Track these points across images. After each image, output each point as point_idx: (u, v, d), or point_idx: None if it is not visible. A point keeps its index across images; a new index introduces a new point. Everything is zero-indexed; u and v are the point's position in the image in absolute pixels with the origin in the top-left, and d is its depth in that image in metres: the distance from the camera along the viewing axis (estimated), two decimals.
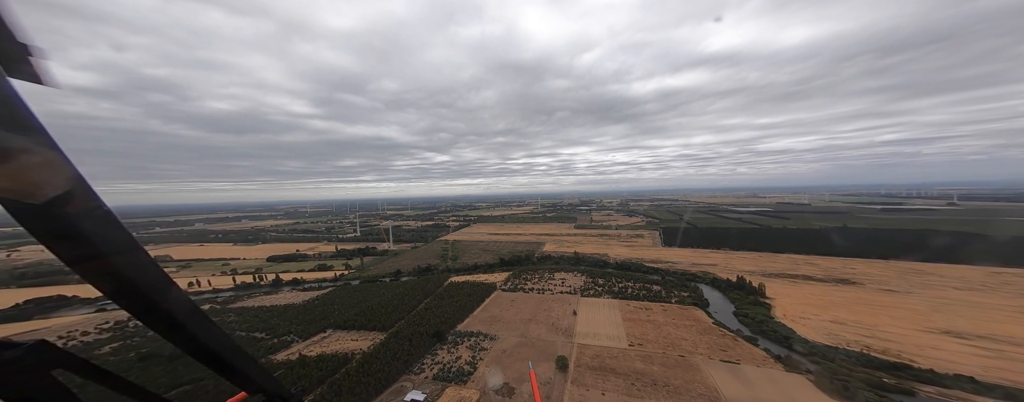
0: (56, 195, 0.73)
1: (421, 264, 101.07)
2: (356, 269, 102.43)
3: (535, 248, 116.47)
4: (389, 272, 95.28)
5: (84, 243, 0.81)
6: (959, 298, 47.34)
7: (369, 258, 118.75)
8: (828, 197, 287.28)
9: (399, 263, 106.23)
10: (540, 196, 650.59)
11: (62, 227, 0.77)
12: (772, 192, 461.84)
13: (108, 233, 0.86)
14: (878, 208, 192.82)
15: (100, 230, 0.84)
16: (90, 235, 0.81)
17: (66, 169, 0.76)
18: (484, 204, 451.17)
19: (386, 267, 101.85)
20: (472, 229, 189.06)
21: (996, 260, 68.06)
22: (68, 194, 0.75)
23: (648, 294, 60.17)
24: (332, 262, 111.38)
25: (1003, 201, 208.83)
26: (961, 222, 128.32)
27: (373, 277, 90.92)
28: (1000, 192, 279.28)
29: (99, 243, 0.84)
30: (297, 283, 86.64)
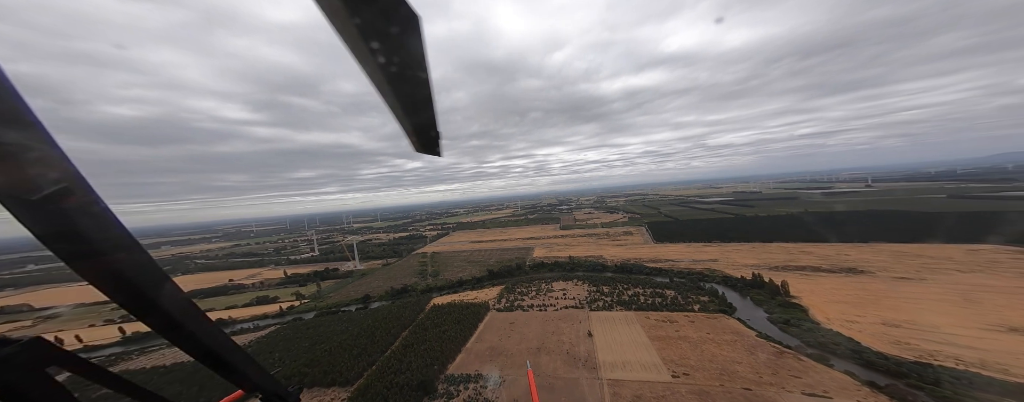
0: (53, 191, 0.73)
1: (395, 285, 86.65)
2: (311, 298, 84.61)
3: (525, 255, 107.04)
4: (355, 298, 79.76)
5: (81, 240, 0.81)
6: (974, 283, 46.65)
7: (329, 282, 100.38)
8: (772, 185, 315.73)
9: (368, 286, 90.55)
10: (518, 198, 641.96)
11: (59, 224, 0.77)
12: (723, 182, 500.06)
13: (105, 230, 0.86)
14: (817, 192, 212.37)
15: (97, 227, 0.84)
16: (87, 232, 0.81)
17: (63, 166, 0.76)
18: (462, 210, 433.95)
19: (351, 292, 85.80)
20: (452, 238, 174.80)
21: (962, 237, 72.41)
22: (65, 191, 0.76)
23: (664, 302, 53.58)
24: (278, 292, 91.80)
25: (902, 181, 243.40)
26: (892, 201, 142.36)
27: (333, 307, 74.97)
28: (887, 175, 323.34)
29: (96, 240, 0.83)
30: (224, 324, 68.66)
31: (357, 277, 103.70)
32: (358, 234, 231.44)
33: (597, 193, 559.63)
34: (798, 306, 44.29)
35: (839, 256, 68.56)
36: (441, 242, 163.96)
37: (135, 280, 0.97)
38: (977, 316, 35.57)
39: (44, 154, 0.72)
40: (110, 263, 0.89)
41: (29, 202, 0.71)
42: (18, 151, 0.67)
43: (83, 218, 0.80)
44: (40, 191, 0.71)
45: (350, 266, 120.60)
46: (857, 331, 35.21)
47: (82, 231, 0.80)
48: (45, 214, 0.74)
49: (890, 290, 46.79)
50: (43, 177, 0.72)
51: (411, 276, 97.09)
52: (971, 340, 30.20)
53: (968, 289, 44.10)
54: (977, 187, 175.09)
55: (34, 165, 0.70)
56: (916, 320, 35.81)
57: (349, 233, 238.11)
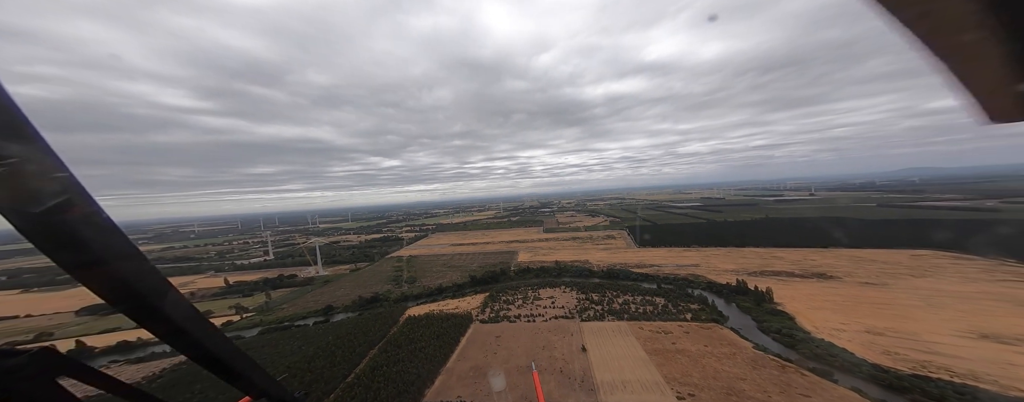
0: (55, 203, 0.74)
1: (364, 293, 78.42)
2: (257, 311, 73.29)
3: (509, 259, 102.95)
4: (314, 310, 70.57)
5: (83, 250, 0.81)
6: (929, 288, 50.66)
7: (283, 291, 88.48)
8: (733, 192, 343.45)
9: (331, 295, 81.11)
10: (500, 200, 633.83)
11: (61, 234, 0.77)
12: (690, 188, 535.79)
13: (107, 239, 0.86)
14: (771, 199, 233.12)
15: (99, 237, 0.84)
16: (89, 242, 0.81)
17: (64, 176, 0.77)
18: (442, 210, 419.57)
19: (310, 303, 76.12)
20: (431, 240, 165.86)
21: (903, 243, 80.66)
22: (67, 202, 0.76)
23: (655, 310, 52.44)
24: (213, 304, 78.53)
25: (836, 191, 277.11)
26: (836, 209, 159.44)
27: (285, 321, 65.22)
28: (823, 185, 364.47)
29: (98, 249, 0.83)
30: (128, 350, 55.62)
31: (319, 285, 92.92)
32: (324, 235, 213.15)
33: (577, 196, 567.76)
34: (785, 314, 44.93)
35: (807, 261, 72.86)
36: (419, 245, 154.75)
37: (138, 288, 0.97)
38: (945, 322, 37.84)
39: (45, 167, 0.73)
40: (113, 272, 0.89)
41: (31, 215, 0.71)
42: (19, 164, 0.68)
43: (85, 229, 0.80)
44: (42, 203, 0.72)
45: (311, 272, 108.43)
46: (846, 340, 35.75)
47: (84, 241, 0.80)
48: (47, 226, 0.74)
49: (861, 296, 49.40)
50: (45, 189, 0.73)
51: (383, 283, 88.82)
52: (952, 348, 31.59)
53: (927, 294, 47.71)
54: (896, 197, 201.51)
55: (35, 178, 0.71)
56: (895, 328, 37.34)
57: (313, 234, 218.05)
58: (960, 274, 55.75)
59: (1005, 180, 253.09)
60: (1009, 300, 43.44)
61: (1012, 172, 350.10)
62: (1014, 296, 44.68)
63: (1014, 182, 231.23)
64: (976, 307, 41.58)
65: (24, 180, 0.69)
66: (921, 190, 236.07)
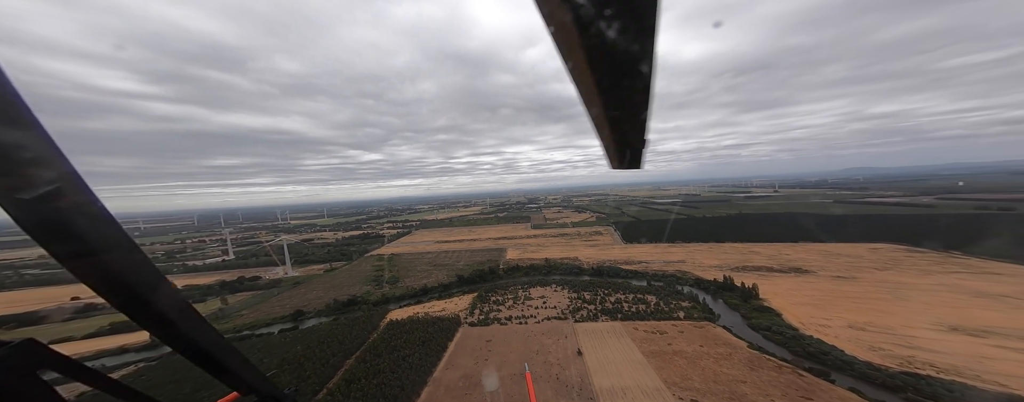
0: (48, 190, 0.73)
1: (340, 296, 72.77)
2: (212, 317, 66.67)
3: (497, 256, 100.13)
4: (281, 316, 64.33)
5: (76, 239, 0.80)
6: (893, 280, 54.30)
7: (245, 295, 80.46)
8: (707, 189, 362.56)
9: (302, 298, 74.61)
10: (486, 195, 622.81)
11: (54, 222, 0.76)
12: (668, 185, 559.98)
13: (100, 230, 0.85)
14: (742, 196, 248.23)
15: (92, 226, 0.83)
16: (82, 231, 0.80)
17: (59, 164, 0.76)
18: (426, 206, 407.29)
19: (276, 307, 69.50)
20: (415, 237, 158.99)
21: (861, 237, 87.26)
22: (61, 190, 0.76)
23: (648, 310, 52.18)
24: None
25: (795, 188, 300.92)
26: (798, 205, 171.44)
27: (244, 330, 58.54)
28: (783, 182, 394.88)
29: (91, 240, 0.83)
30: None
31: (287, 287, 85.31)
32: (295, 232, 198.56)
33: (563, 192, 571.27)
34: (771, 310, 46.02)
35: (781, 256, 76.53)
36: (402, 242, 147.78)
37: (130, 281, 0.96)
38: (914, 315, 40.16)
39: (42, 153, 0.72)
40: (105, 263, 0.88)
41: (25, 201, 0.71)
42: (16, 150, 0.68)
43: (79, 218, 0.80)
44: (36, 190, 0.71)
45: (278, 273, 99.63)
46: (833, 337, 36.81)
47: (78, 231, 0.79)
48: (41, 213, 0.74)
49: (835, 290, 51.94)
50: (40, 176, 0.72)
51: (362, 284, 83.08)
52: (928, 342, 33.27)
53: (892, 287, 50.99)
54: (847, 194, 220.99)
55: (31, 164, 0.70)
56: (873, 322, 39.09)
57: (283, 231, 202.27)
58: (916, 267, 60.52)
59: (933, 179, 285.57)
60: (964, 292, 47.31)
61: (938, 172, 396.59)
62: (967, 287, 48.78)
63: (941, 181, 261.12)
64: (937, 299, 44.77)
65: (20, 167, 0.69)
66: (866, 188, 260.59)
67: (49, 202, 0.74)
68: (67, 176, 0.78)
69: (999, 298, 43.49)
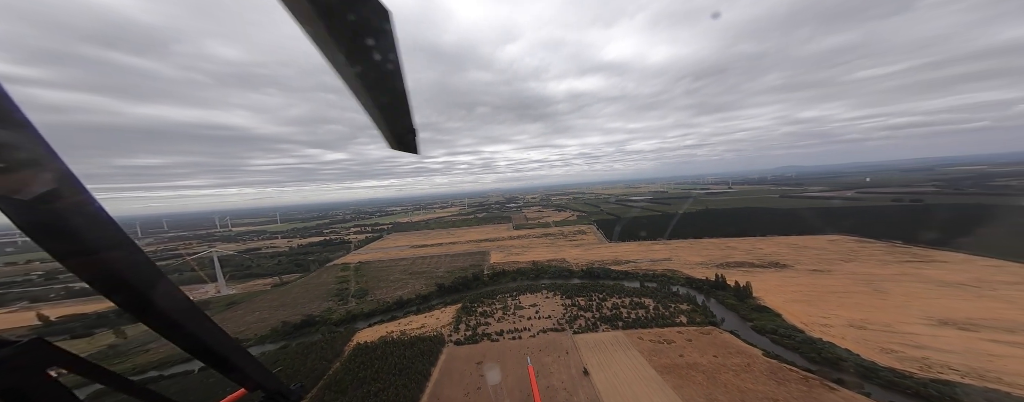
0: (45, 191, 0.73)
1: (292, 316, 60.95)
2: (98, 358, 51.61)
3: (480, 261, 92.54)
4: None
5: (75, 239, 0.81)
6: (863, 272, 57.10)
7: None
8: (672, 186, 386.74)
9: (238, 322, 61.57)
10: (464, 195, 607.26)
11: (52, 223, 0.77)
12: (637, 183, 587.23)
13: (99, 229, 0.86)
14: (703, 193, 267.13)
15: (90, 226, 0.83)
16: (80, 231, 0.81)
17: (55, 166, 0.77)
18: (399, 208, 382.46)
19: None
20: (387, 242, 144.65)
21: (817, 230, 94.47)
22: (58, 190, 0.76)
23: (648, 315, 48.97)
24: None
25: (743, 185, 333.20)
26: (752, 200, 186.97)
27: (151, 369, 46.50)
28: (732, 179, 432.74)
29: (90, 239, 0.83)
30: None
31: (218, 308, 70.19)
32: (238, 241, 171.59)
33: (540, 191, 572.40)
34: (769, 310, 45.10)
35: (756, 250, 79.29)
36: (372, 248, 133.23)
37: (131, 279, 0.96)
38: (899, 309, 41.30)
39: (35, 154, 0.72)
40: (105, 262, 0.88)
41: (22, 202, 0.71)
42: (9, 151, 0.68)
43: (76, 217, 0.80)
44: (32, 191, 0.71)
45: (207, 291, 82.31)
46: (840, 337, 35.95)
47: (76, 230, 0.80)
48: (38, 214, 0.74)
49: (817, 284, 53.17)
50: (35, 177, 0.72)
51: (322, 299, 70.96)
52: (929, 339, 33.47)
53: (865, 279, 53.43)
54: (787, 189, 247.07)
55: (26, 165, 0.70)
56: (868, 319, 39.34)
57: (221, 240, 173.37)
58: (873, 258, 65.24)
59: (845, 176, 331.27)
60: (926, 281, 50.70)
61: (846, 170, 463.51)
62: (926, 276, 52.57)
63: (851, 177, 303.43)
64: (910, 291, 47.13)
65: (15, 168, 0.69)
66: (800, 183, 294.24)
67: (46, 203, 0.74)
68: (62, 177, 0.78)
69: (958, 286, 46.98)
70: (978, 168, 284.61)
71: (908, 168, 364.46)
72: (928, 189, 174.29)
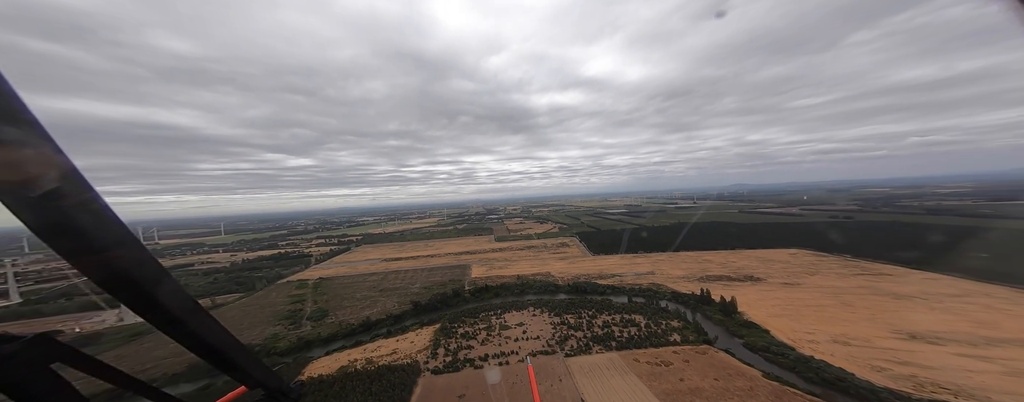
0: (51, 188, 0.74)
1: None
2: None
3: (461, 275, 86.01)
4: (91, 394, 39.53)
5: (79, 236, 0.81)
6: (827, 285, 60.87)
7: None
8: (643, 200, 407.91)
9: (143, 358, 49.54)
10: (443, 205, 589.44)
11: (57, 220, 0.77)
12: (613, 196, 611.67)
13: (103, 226, 0.86)
14: (672, 206, 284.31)
15: (95, 223, 0.84)
16: (85, 228, 0.81)
17: (61, 162, 0.77)
18: (371, 218, 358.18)
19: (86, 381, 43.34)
20: (355, 255, 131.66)
21: (776, 243, 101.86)
22: (63, 187, 0.77)
23: (640, 333, 46.85)
24: None
25: (705, 200, 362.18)
26: (717, 214, 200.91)
27: None
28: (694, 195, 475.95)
29: (95, 236, 0.84)
30: None
31: (118, 342, 56.09)
32: (163, 256, 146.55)
33: (521, 202, 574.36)
34: (756, 325, 45.21)
35: (730, 263, 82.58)
36: (337, 261, 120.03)
37: (135, 276, 0.97)
38: (870, 322, 43.38)
39: (41, 151, 0.73)
40: (109, 259, 0.89)
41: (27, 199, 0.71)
42: (16, 148, 0.68)
43: (81, 214, 0.80)
44: (38, 188, 0.72)
45: (104, 321, 66.33)
46: (828, 354, 36.24)
47: (81, 227, 0.80)
48: (43, 211, 0.74)
49: (792, 298, 55.26)
50: (41, 174, 0.72)
51: (266, 323, 60.39)
52: (909, 355, 34.75)
53: (832, 292, 56.66)
54: (743, 205, 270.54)
55: (32, 162, 0.71)
56: (848, 333, 40.61)
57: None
58: (831, 271, 70.47)
59: (785, 194, 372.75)
60: (881, 293, 54.72)
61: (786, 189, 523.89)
62: (881, 288, 56.92)
63: (791, 195, 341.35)
64: (871, 303, 50.31)
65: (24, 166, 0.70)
66: (752, 200, 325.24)
67: (52, 200, 0.74)
68: (68, 174, 0.78)
69: (910, 299, 51.18)
70: (883, 190, 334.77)
71: (833, 188, 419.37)
72: (853, 208, 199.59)
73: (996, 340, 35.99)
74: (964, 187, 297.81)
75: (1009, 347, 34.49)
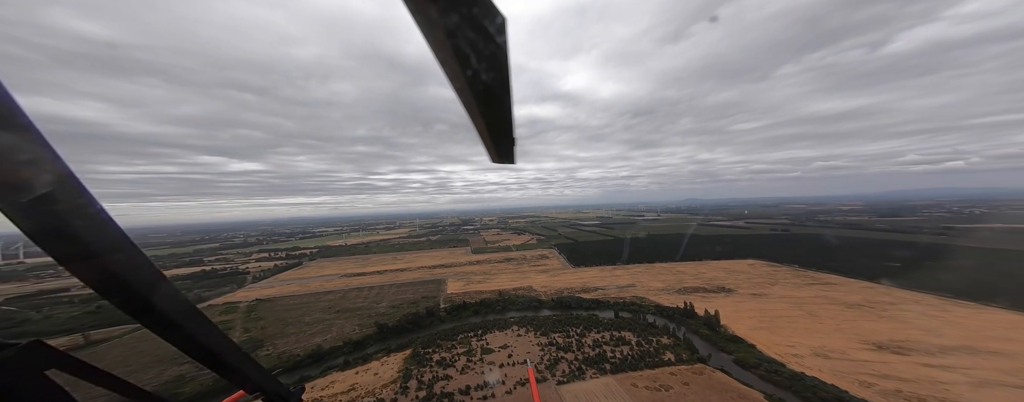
0: (45, 192, 0.73)
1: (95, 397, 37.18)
2: None
3: (435, 290, 77.59)
4: None
5: (75, 241, 0.80)
6: (790, 295, 64.76)
7: None
8: (613, 212, 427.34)
9: None
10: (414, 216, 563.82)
11: (53, 224, 0.76)
12: (585, 208, 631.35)
13: (99, 230, 0.85)
14: (639, 218, 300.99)
15: (90, 227, 0.83)
16: (81, 233, 0.80)
17: (56, 167, 0.76)
18: (331, 229, 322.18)
19: None
20: (308, 271, 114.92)
21: (736, 255, 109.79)
22: (58, 192, 0.75)
23: (633, 352, 44.11)
24: None
25: (666, 213, 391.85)
26: (679, 227, 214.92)
27: None
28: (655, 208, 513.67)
29: (90, 241, 0.82)
30: None
31: None
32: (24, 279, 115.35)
33: (497, 213, 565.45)
34: (741, 340, 45.18)
35: (702, 274, 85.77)
36: (285, 278, 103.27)
37: (131, 281, 0.96)
38: (840, 332, 45.76)
39: (37, 155, 0.71)
40: (105, 264, 0.87)
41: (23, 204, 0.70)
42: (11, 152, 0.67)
43: (77, 219, 0.79)
44: (33, 192, 0.71)
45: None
46: (817, 370, 36.58)
47: (76, 232, 0.79)
48: (39, 215, 0.73)
49: (765, 309, 57.42)
50: (36, 178, 0.71)
51: (167, 363, 47.26)
52: (884, 366, 36.30)
53: (795, 302, 60.12)
54: (699, 218, 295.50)
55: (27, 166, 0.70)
56: (825, 345, 42.06)
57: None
58: (788, 281, 76.14)
59: (729, 208, 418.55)
60: (834, 302, 59.32)
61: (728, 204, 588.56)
62: (833, 298, 61.86)
63: (734, 210, 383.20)
64: (831, 313, 53.90)
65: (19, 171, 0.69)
66: (705, 214, 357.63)
67: (47, 204, 0.73)
68: (64, 178, 0.77)
69: (859, 308, 55.93)
70: (802, 206, 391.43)
71: (764, 204, 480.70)
72: (785, 222, 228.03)
73: (947, 348, 39.53)
74: (856, 205, 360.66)
75: (960, 355, 37.94)
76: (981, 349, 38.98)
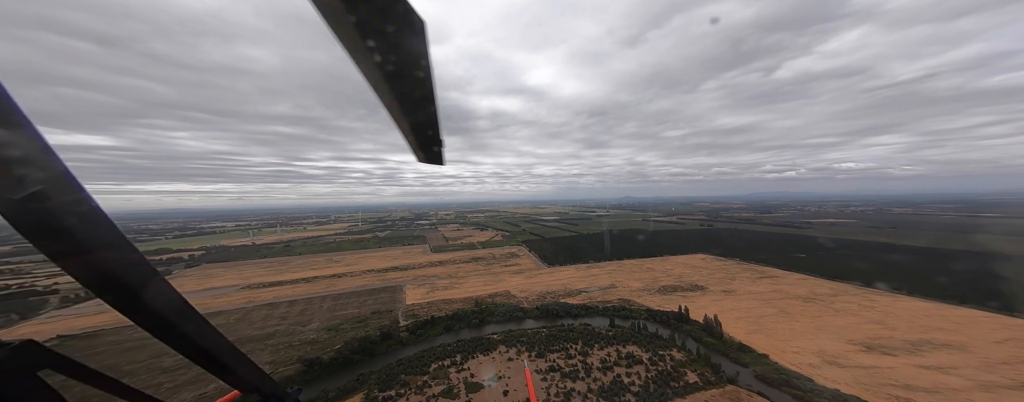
0: (40, 189, 0.72)
1: None
2: None
3: (390, 302, 59.75)
4: None
5: (69, 238, 0.78)
6: (756, 291, 67.02)
7: None
8: (568, 208, 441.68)
9: None
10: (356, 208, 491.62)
11: (46, 222, 0.74)
12: (541, 204, 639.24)
13: (93, 228, 0.83)
14: (593, 214, 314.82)
15: (84, 225, 0.81)
16: (75, 230, 0.79)
17: (51, 164, 0.75)
18: (231, 224, 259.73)
19: None
20: (182, 282, 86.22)
21: (687, 249, 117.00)
22: (52, 189, 0.74)
23: (649, 374, 36.57)
24: None
25: (613, 209, 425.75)
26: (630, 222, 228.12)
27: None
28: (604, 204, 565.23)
29: (84, 239, 0.81)
30: None
31: None
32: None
33: (453, 208, 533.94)
34: (749, 349, 41.89)
35: (669, 271, 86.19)
36: None
37: (125, 279, 0.94)
38: (821, 332, 46.32)
39: (31, 152, 0.70)
40: (99, 261, 0.86)
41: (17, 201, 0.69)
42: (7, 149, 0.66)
43: (71, 216, 0.78)
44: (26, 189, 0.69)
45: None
46: (841, 382, 34.06)
47: (70, 229, 0.78)
48: (32, 212, 0.72)
49: (740, 307, 56.85)
50: (30, 175, 0.70)
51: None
52: (891, 372, 35.81)
53: (763, 299, 61.78)
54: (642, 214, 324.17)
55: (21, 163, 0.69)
56: (824, 349, 41.05)
57: None
58: (742, 276, 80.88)
59: (660, 206, 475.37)
60: (791, 297, 62.72)
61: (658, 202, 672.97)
62: (787, 292, 65.96)
63: (663, 207, 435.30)
64: (798, 309, 56.00)
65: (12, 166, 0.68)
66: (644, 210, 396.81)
67: (41, 201, 0.72)
68: (59, 175, 0.75)
69: (812, 301, 59.89)
70: (708, 204, 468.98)
71: (682, 203, 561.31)
72: (703, 217, 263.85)
73: (916, 344, 41.97)
74: (741, 205, 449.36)
75: (931, 351, 40.40)
76: (936, 342, 42.48)
